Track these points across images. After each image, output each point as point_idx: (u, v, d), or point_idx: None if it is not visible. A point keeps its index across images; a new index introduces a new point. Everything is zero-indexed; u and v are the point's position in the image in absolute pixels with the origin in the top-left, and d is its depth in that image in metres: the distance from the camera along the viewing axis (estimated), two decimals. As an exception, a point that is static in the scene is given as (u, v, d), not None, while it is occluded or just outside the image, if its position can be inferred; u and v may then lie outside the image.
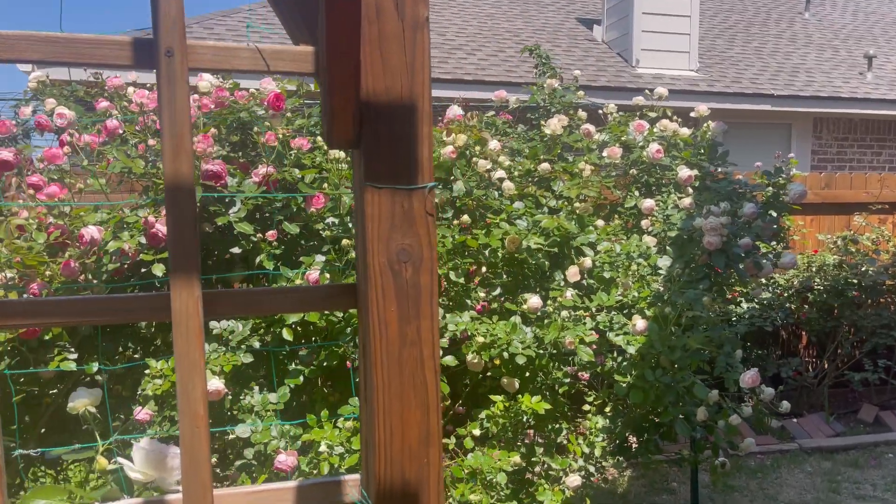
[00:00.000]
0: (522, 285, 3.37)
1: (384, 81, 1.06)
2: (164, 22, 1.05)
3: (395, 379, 1.07)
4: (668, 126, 3.82)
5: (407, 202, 1.07)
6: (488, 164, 3.14)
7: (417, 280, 1.08)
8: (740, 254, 3.30)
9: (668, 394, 3.06)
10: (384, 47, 1.05)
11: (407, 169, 1.07)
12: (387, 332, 1.07)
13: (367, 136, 1.06)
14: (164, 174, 1.06)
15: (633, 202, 3.62)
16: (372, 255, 1.07)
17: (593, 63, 9.44)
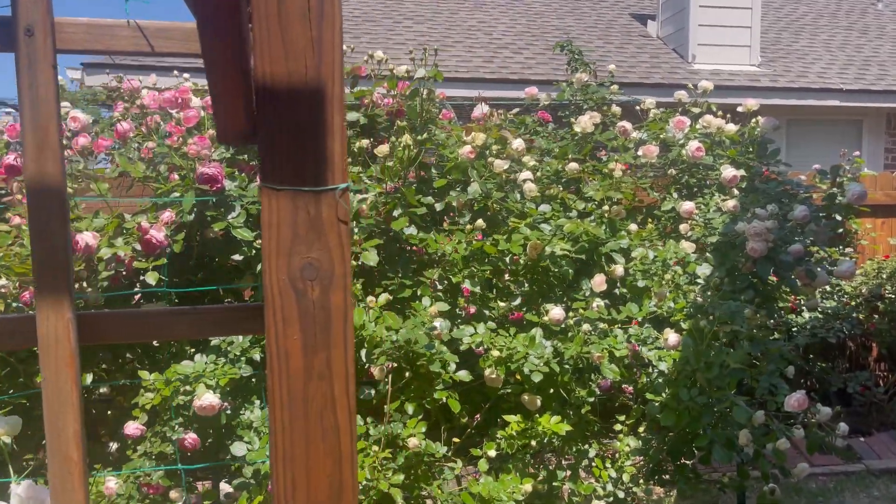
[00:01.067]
0: (546, 295, 3.14)
1: (284, 62, 0.87)
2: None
3: (299, 421, 0.89)
4: (711, 122, 3.52)
5: (313, 207, 0.89)
6: (505, 165, 2.93)
7: (327, 301, 0.90)
8: (789, 261, 2.99)
9: (705, 415, 2.78)
10: (284, 19, 0.87)
11: (313, 167, 0.89)
12: (288, 364, 0.88)
13: (265, 128, 0.88)
14: (25, 173, 0.90)
15: (670, 205, 3.34)
16: (270, 271, 0.88)
17: (646, 60, 9.07)
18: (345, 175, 0.89)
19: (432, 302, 2.81)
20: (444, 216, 3.07)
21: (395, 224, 2.66)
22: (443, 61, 8.50)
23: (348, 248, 0.90)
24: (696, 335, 2.78)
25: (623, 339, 2.95)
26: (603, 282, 2.91)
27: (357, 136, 3.14)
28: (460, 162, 2.97)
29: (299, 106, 0.88)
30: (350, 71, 3.41)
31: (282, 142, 0.88)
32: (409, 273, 2.85)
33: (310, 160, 0.88)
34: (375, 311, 2.59)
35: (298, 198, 0.88)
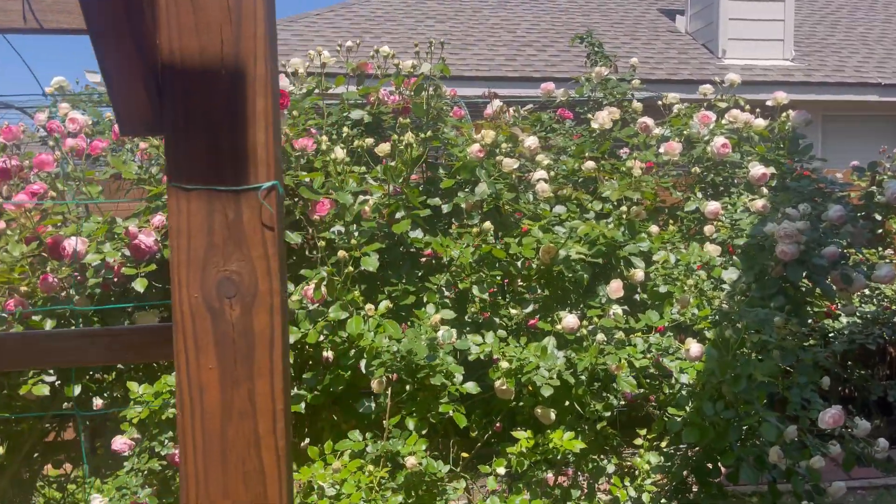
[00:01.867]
0: (561, 301, 2.96)
1: (195, 36, 0.73)
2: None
3: (216, 467, 0.74)
4: (738, 117, 3.31)
5: (232, 210, 0.74)
6: (516, 164, 2.76)
7: (249, 323, 0.75)
8: (824, 265, 2.77)
9: (732, 432, 2.58)
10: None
11: (232, 162, 0.74)
12: (202, 399, 0.74)
13: (172, 115, 0.74)
14: None
15: (694, 205, 3.14)
16: (180, 287, 0.74)
17: (675, 56, 8.82)
18: (272, 171, 0.74)
19: (437, 309, 2.65)
20: (453, 219, 2.92)
21: (396, 227, 2.51)
22: (463, 60, 8.35)
23: (277, 260, 0.75)
24: (722, 345, 2.58)
25: (643, 348, 2.77)
26: (620, 288, 2.73)
27: (361, 135, 3.00)
28: (468, 161, 2.81)
29: (214, 89, 0.74)
30: (356, 67, 3.28)
31: (193, 132, 0.73)
32: (414, 279, 2.69)
33: (227, 154, 0.74)
34: (375, 320, 2.44)
35: (214, 199, 0.73)
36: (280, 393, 0.75)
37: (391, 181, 2.54)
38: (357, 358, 2.47)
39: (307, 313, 2.50)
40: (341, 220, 2.58)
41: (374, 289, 2.68)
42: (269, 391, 0.75)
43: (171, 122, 0.74)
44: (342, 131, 2.76)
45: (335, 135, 2.97)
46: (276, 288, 0.75)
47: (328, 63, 3.28)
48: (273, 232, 0.74)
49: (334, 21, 9.13)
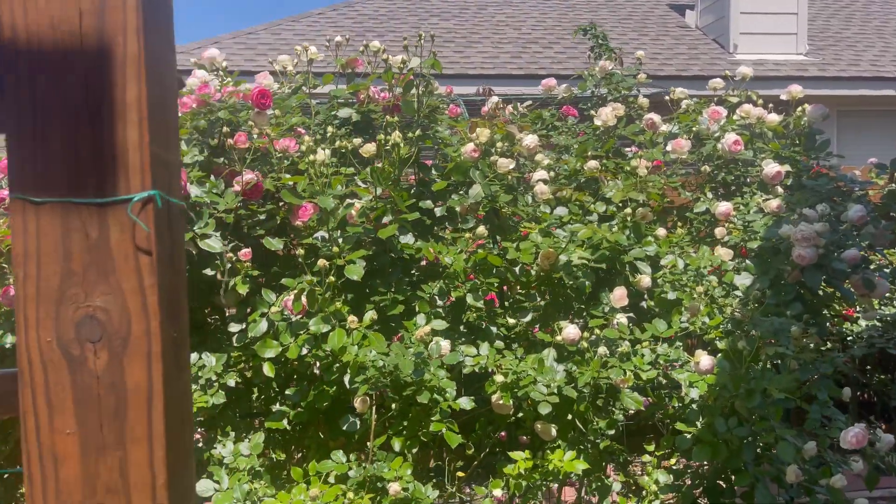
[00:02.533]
0: (562, 309, 2.79)
1: (45, 6, 0.56)
2: None
3: (77, 561, 0.57)
4: (750, 112, 3.12)
5: (96, 228, 0.57)
6: (511, 164, 2.59)
7: (119, 374, 0.58)
8: (844, 269, 2.58)
9: (746, 451, 2.40)
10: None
11: (94, 167, 0.57)
12: (56, 472, 0.57)
13: (15, 107, 0.57)
14: None
15: (704, 206, 2.95)
16: (26, 328, 0.57)
17: (684, 51, 8.61)
18: (148, 179, 0.58)
19: (428, 319, 2.48)
20: (447, 223, 2.75)
21: (382, 232, 2.34)
22: (468, 58, 8.18)
23: (156, 294, 0.58)
24: (734, 357, 2.40)
25: (650, 360, 2.59)
26: (624, 296, 2.55)
27: (350, 135, 2.83)
28: (462, 162, 2.64)
29: (70, 73, 0.57)
30: (345, 64, 3.11)
31: (43, 129, 0.57)
32: (404, 287, 2.53)
33: (87, 157, 0.57)
34: (359, 333, 2.28)
35: (71, 214, 0.57)
36: (161, 462, 0.58)
37: (377, 184, 2.38)
38: (341, 373, 2.31)
39: (288, 326, 2.34)
40: (325, 225, 2.42)
41: (362, 298, 2.51)
42: (147, 460, 0.58)
43: (15, 116, 0.57)
44: (327, 131, 2.59)
45: (319, 135, 2.81)
46: (156, 329, 0.58)
47: (315, 59, 3.12)
48: (151, 258, 0.58)
49: (336, 20, 8.99)
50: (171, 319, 0.61)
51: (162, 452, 0.59)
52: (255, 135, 2.42)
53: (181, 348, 0.64)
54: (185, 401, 0.65)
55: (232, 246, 2.46)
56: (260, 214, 2.50)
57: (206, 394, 2.32)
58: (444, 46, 8.44)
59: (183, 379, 0.64)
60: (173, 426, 0.61)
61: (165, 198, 0.61)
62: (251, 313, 2.46)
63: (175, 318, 0.63)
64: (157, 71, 0.61)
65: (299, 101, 2.94)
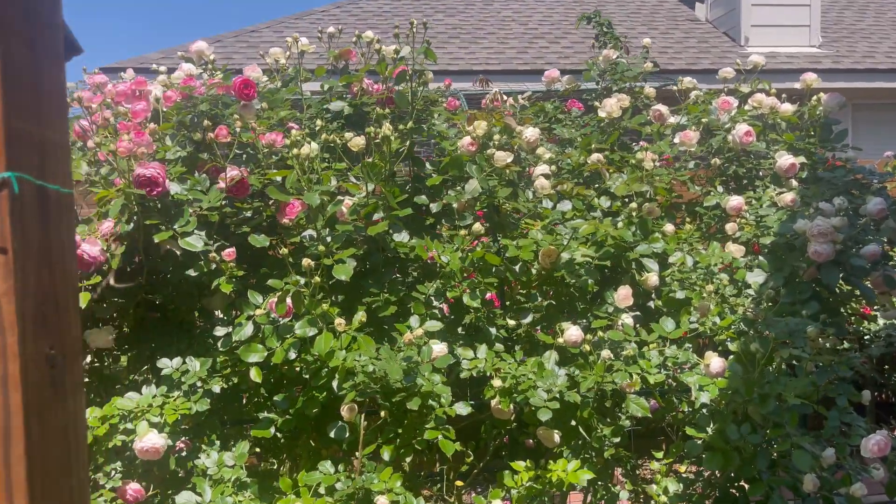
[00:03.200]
0: (565, 309, 2.66)
1: None
2: None
3: None
4: (762, 101, 2.97)
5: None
6: (509, 157, 2.46)
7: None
8: (863, 266, 2.44)
9: (760, 458, 2.26)
10: None
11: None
12: None
13: None
14: None
15: (714, 200, 2.81)
16: None
17: (694, 45, 8.44)
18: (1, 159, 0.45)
19: (423, 321, 2.36)
20: (443, 220, 2.62)
21: (371, 229, 2.22)
22: (473, 54, 8.05)
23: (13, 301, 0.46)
24: (746, 359, 2.26)
25: (658, 362, 2.45)
26: (629, 295, 2.42)
27: (342, 128, 2.71)
28: (457, 156, 2.52)
29: None
30: (338, 55, 3.00)
31: None
32: (397, 287, 2.41)
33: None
34: (348, 336, 2.16)
35: None
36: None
37: (367, 179, 2.26)
38: (329, 378, 2.19)
39: (274, 329, 2.22)
40: (314, 223, 2.30)
41: (354, 300, 2.39)
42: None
43: None
44: (317, 124, 2.47)
45: (309, 129, 2.70)
46: (13, 347, 0.46)
47: (307, 51, 3.01)
48: (5, 257, 0.46)
49: (340, 17, 8.88)
50: (43, 333, 0.50)
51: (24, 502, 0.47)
52: (238, 128, 2.30)
53: (65, 368, 0.52)
54: (73, 435, 0.53)
55: (217, 245, 2.35)
56: (246, 212, 2.39)
57: (190, 400, 2.21)
58: (449, 42, 8.32)
59: (69, 407, 0.52)
60: (49, 470, 0.49)
61: (36, 183, 0.49)
62: (239, 316, 2.35)
63: (52, 331, 0.51)
64: (26, 23, 0.49)
65: (291, 95, 2.82)
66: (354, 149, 2.29)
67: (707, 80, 7.12)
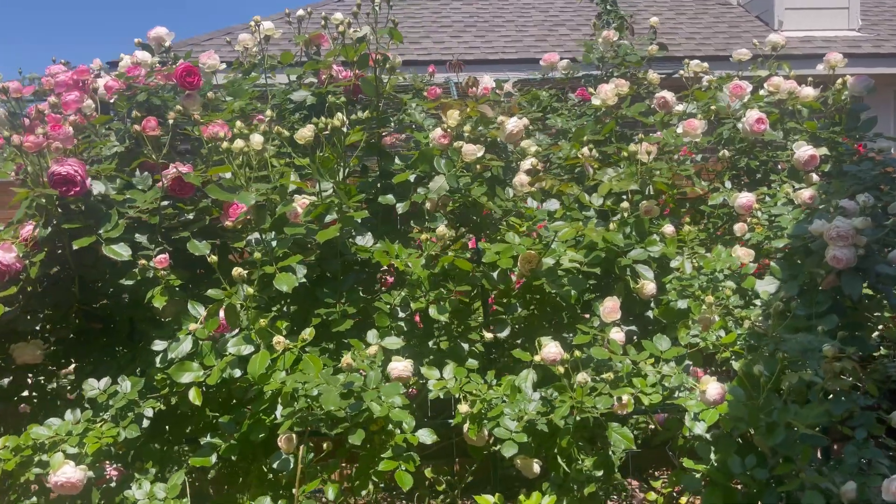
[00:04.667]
0: (550, 320, 2.38)
1: None
2: None
3: None
4: (780, 86, 2.64)
5: None
6: (478, 151, 2.18)
7: None
8: (891, 274, 2.11)
9: (768, 496, 1.96)
10: None
11: None
12: None
13: None
14: None
15: (721, 197, 2.49)
16: None
17: (724, 30, 8.01)
18: None
19: (385, 335, 2.11)
20: (415, 220, 2.37)
21: (322, 234, 1.96)
22: (489, 43, 7.75)
23: None
24: (750, 383, 1.96)
25: (655, 380, 2.16)
26: (615, 308, 2.13)
27: (305, 120, 2.47)
28: (427, 149, 2.25)
29: None
30: (308, 40, 2.75)
31: None
32: (356, 296, 2.15)
33: None
34: (292, 354, 1.91)
35: None
36: None
37: (316, 176, 2.00)
38: (273, 402, 1.95)
39: (213, 345, 1.99)
40: (259, 225, 2.06)
41: (310, 310, 2.15)
42: None
43: None
44: (268, 115, 2.22)
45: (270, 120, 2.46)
46: None
47: (273, 36, 2.77)
48: None
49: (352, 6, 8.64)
50: None
51: None
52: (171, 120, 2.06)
53: None
54: None
55: (158, 251, 2.13)
56: (188, 213, 2.16)
57: (119, 426, 1.99)
58: (465, 32, 8.03)
59: None
60: None
61: None
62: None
63: None
64: None
65: (251, 84, 2.59)
66: (301, 141, 2.04)
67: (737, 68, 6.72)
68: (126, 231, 2.10)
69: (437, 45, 7.69)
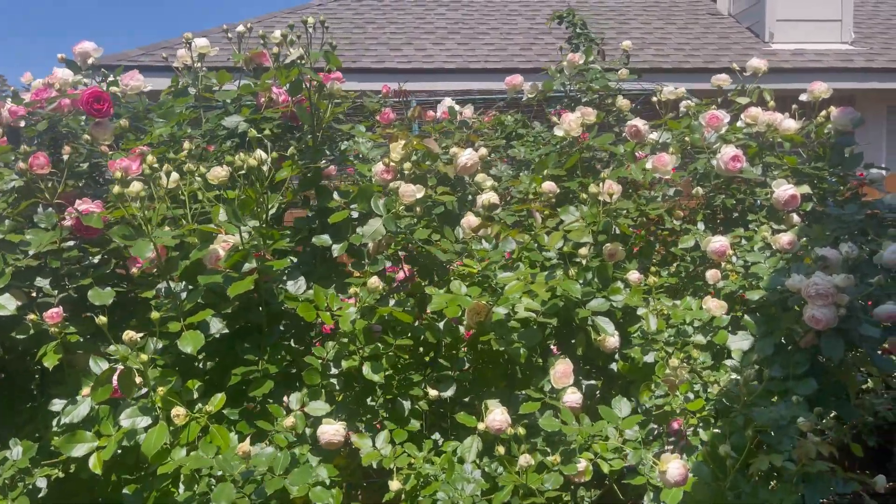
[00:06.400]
0: (502, 377, 2.16)
1: None
2: None
3: None
4: (757, 117, 2.42)
5: None
6: (417, 193, 1.95)
7: None
8: (875, 337, 1.89)
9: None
10: None
11: None
12: None
13: None
14: None
15: (692, 240, 2.28)
16: None
17: (714, 41, 7.82)
18: None
19: (314, 397, 1.89)
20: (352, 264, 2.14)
21: (232, 289, 1.73)
22: (472, 51, 7.54)
23: None
24: (714, 463, 1.74)
25: (617, 444, 1.95)
26: (568, 373, 1.91)
27: (236, 149, 2.24)
28: (366, 186, 2.03)
29: None
30: (248, 58, 2.52)
31: None
32: (280, 352, 1.93)
33: None
34: (198, 425, 1.68)
35: None
36: None
37: (231, 220, 1.77)
38: (177, 477, 1.72)
39: (111, 411, 1.76)
40: (167, 273, 1.83)
41: (228, 369, 1.92)
42: None
43: None
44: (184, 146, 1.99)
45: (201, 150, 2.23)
46: None
47: (208, 54, 2.54)
48: None
49: (337, 12, 8.42)
50: None
51: None
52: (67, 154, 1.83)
53: None
54: None
55: (61, 297, 1.90)
56: (94, 256, 1.93)
57: (7, 498, 1.76)
58: (448, 39, 7.81)
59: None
60: None
61: None
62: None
63: None
64: None
65: (182, 106, 2.37)
66: (213, 181, 1.82)
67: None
68: (24, 276, 1.88)
69: (419, 52, 7.47)
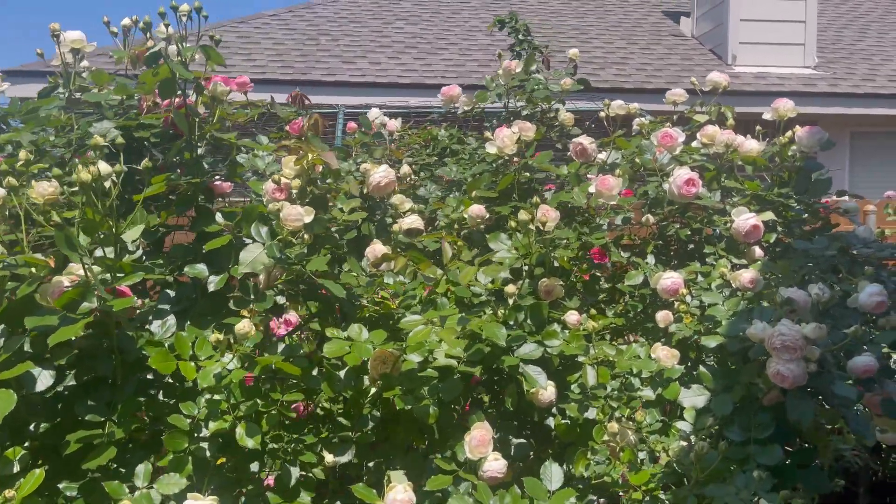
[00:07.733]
0: (414, 439, 1.82)
1: None
2: None
3: None
4: (714, 137, 2.14)
5: None
6: (303, 218, 1.62)
7: None
8: (850, 397, 1.59)
9: None
10: None
11: None
12: None
13: None
14: None
15: (640, 276, 1.98)
16: None
17: (676, 62, 7.65)
18: None
19: (177, 468, 1.52)
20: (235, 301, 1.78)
21: (54, 337, 1.36)
22: (429, 66, 7.26)
23: None
24: (660, 558, 1.42)
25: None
26: (485, 440, 1.57)
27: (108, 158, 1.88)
28: (251, 208, 1.69)
29: None
30: (133, 56, 2.17)
31: None
32: (132, 411, 1.56)
33: None
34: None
35: None
36: None
37: (63, 249, 1.42)
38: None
39: None
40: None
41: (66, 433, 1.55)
42: None
43: None
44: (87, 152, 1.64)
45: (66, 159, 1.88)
46: None
47: (86, 51, 2.19)
48: None
49: (290, 22, 8.09)
50: None
51: None
52: None
53: None
54: None
55: None
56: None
57: None
58: (405, 53, 7.53)
59: None
60: None
61: None
62: None
63: None
64: None
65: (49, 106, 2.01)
66: (39, 200, 1.46)
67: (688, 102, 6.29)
68: None
69: (374, 65, 7.16)
